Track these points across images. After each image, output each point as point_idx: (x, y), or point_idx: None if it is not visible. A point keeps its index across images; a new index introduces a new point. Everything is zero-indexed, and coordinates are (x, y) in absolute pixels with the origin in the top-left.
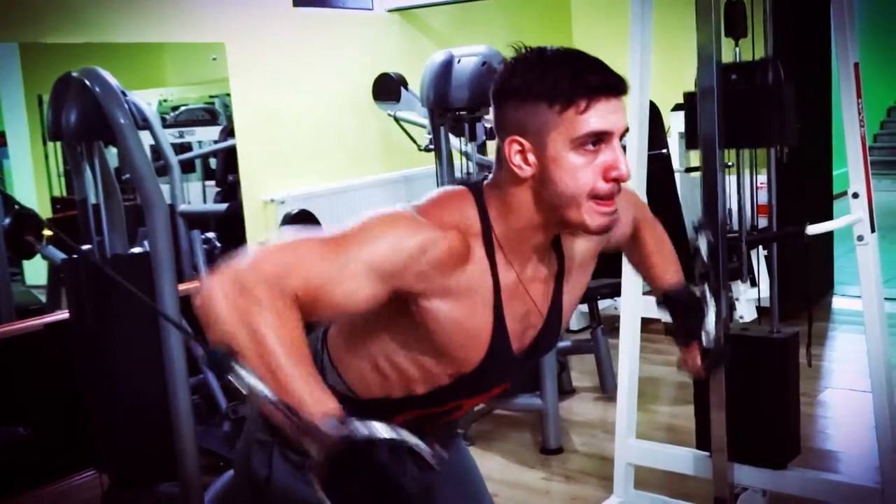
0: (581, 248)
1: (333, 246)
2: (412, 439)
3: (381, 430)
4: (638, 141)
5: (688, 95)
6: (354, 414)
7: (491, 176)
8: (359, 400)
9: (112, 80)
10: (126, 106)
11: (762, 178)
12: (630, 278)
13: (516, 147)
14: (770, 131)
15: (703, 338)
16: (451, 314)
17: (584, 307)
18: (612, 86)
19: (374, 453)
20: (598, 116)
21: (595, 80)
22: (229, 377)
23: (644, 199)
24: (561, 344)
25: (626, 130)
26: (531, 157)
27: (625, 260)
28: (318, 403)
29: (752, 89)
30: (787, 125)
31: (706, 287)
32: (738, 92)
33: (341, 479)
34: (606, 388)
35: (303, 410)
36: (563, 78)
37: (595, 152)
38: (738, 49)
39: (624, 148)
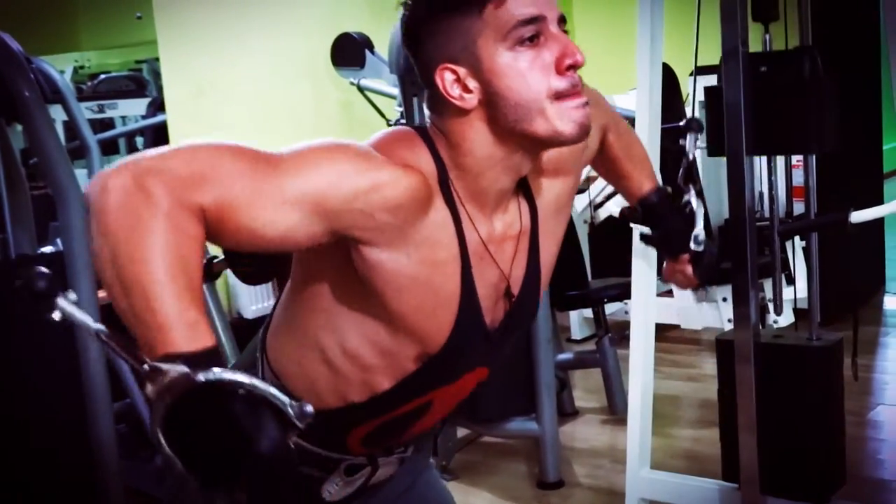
0: (556, 189)
1: (265, 163)
2: (271, 390)
3: (236, 375)
4: (649, 112)
5: (709, 91)
6: (308, 433)
7: (430, 125)
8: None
9: (13, 44)
10: (31, 75)
11: (798, 156)
12: (642, 278)
13: (449, 76)
14: (807, 135)
15: (693, 244)
16: (411, 271)
17: (589, 312)
18: None
19: (220, 403)
20: (520, 3)
21: None
22: (54, 313)
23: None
24: (561, 357)
25: (564, 19)
26: (470, 82)
27: (634, 258)
28: (189, 331)
29: (785, 84)
30: (826, 127)
31: (692, 190)
32: (769, 87)
33: (182, 438)
34: (615, 409)
35: (161, 338)
36: None
37: (536, 46)
38: (768, 36)
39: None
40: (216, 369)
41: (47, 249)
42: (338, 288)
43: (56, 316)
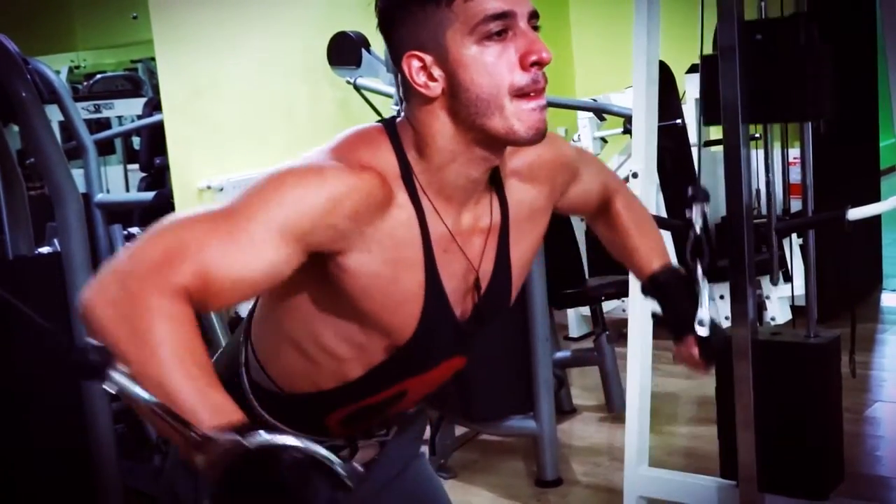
0: (530, 195)
1: (223, 217)
2: (322, 451)
3: (285, 439)
4: (646, 109)
5: (705, 59)
6: (284, 412)
7: (400, 117)
8: (285, 395)
9: (9, 44)
10: (27, 75)
11: (795, 153)
12: None
13: (416, 63)
14: (802, 102)
15: (698, 327)
16: (374, 269)
17: (586, 310)
18: None
19: (273, 467)
20: None
21: None
22: (105, 385)
23: (654, 177)
24: (558, 355)
25: (536, 15)
26: (436, 71)
27: None
28: (216, 413)
29: (780, 52)
30: (822, 95)
31: (698, 267)
32: (765, 55)
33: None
34: (613, 407)
35: (197, 421)
36: None
37: (503, 41)
38: (763, 3)
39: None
40: (264, 433)
41: (45, 250)
42: (308, 290)
43: (110, 388)
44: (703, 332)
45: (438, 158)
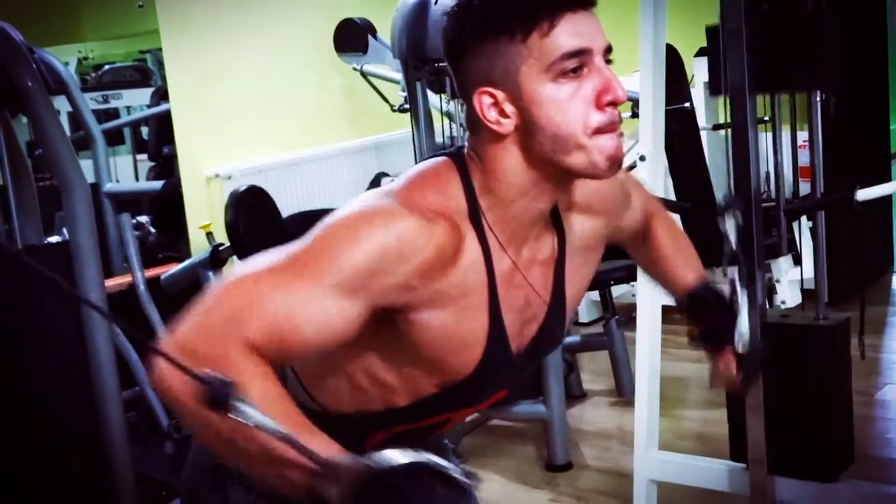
0: (585, 228)
1: (290, 271)
2: (441, 462)
3: (401, 456)
4: (653, 93)
5: (710, 30)
6: (328, 432)
7: (467, 146)
8: (330, 416)
9: (15, 35)
10: (34, 66)
11: (804, 135)
12: None
13: (487, 100)
14: (810, 71)
15: (737, 342)
16: (443, 321)
17: (596, 295)
18: None
19: (403, 484)
20: (567, 34)
21: None
22: (230, 414)
23: (662, 160)
24: (568, 340)
25: (610, 49)
26: (508, 107)
27: None
28: (328, 449)
29: (787, 20)
30: (830, 63)
31: (736, 279)
32: (772, 24)
33: None
34: (623, 391)
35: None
36: (514, 3)
37: (578, 78)
38: None
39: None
40: (384, 453)
41: (53, 239)
42: (371, 341)
43: (240, 419)
44: (742, 348)
45: (507, 194)
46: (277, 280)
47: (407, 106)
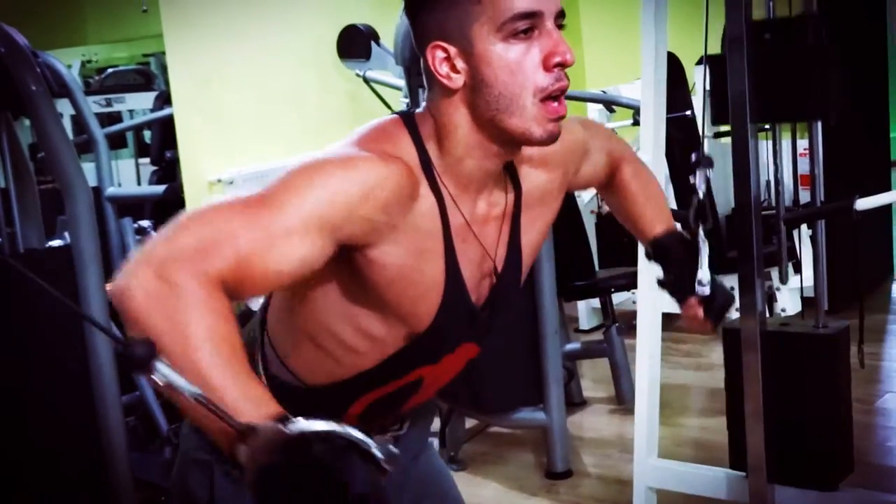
0: (542, 180)
1: (257, 206)
2: (358, 434)
3: (323, 425)
4: (654, 101)
5: (712, 59)
6: (303, 405)
7: (422, 108)
8: (306, 387)
9: (19, 38)
10: (38, 69)
11: (804, 144)
12: (648, 267)
13: (440, 54)
14: (810, 103)
15: (699, 287)
16: (401, 260)
17: (596, 302)
18: None
19: (315, 452)
20: None
21: None
22: (152, 376)
23: (663, 168)
24: (568, 347)
25: (563, 14)
26: (459, 63)
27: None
28: (256, 405)
29: (788, 51)
30: (830, 95)
31: (700, 229)
32: (773, 55)
33: (281, 491)
34: (623, 399)
35: (238, 413)
36: None
37: (528, 40)
38: (772, 3)
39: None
40: (303, 421)
41: (55, 243)
42: (327, 283)
43: (158, 379)
44: (704, 291)
45: (456, 150)
46: (247, 214)
47: None
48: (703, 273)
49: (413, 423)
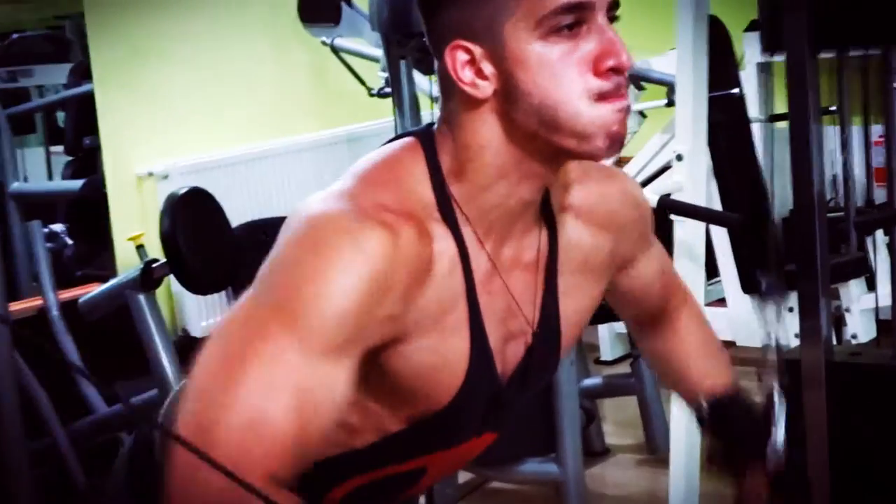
0: (587, 241)
1: (265, 355)
2: None
3: None
4: (693, 77)
5: None
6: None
7: (439, 114)
8: None
9: None
10: None
11: (879, 129)
12: (685, 282)
13: (462, 56)
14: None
15: (770, 458)
16: (420, 342)
17: (621, 326)
18: None
19: None
20: None
21: None
22: None
23: (704, 160)
24: (587, 382)
25: (615, 5)
26: (486, 67)
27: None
28: None
29: None
30: None
31: (775, 387)
32: None
33: None
34: (655, 447)
35: None
36: None
37: (574, 38)
38: None
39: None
40: None
41: None
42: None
43: None
44: (775, 466)
45: (482, 175)
46: (266, 373)
47: (388, 90)
48: (779, 440)
49: None
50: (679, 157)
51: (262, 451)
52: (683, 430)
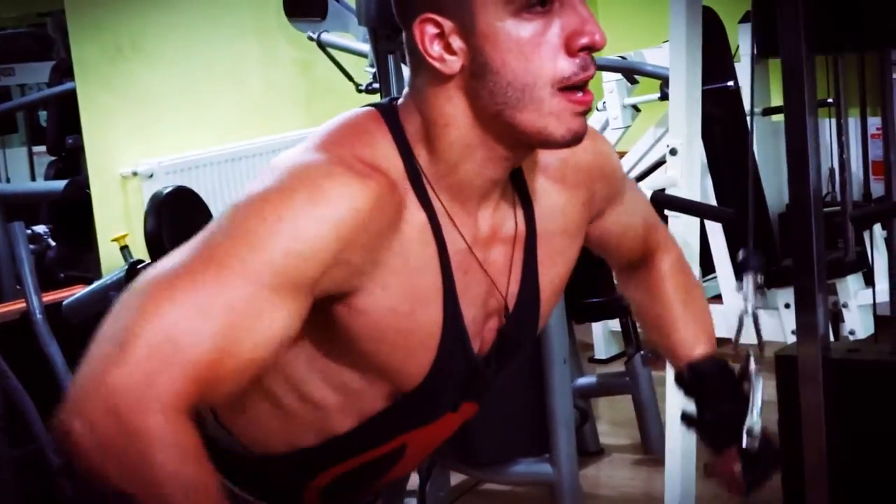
0: (561, 200)
1: (209, 276)
2: None
3: None
4: (687, 69)
5: None
6: (251, 480)
7: (405, 89)
8: (256, 459)
9: None
10: None
11: (876, 122)
12: None
13: (431, 30)
14: (885, 21)
15: (745, 440)
16: (389, 303)
17: (616, 325)
18: None
19: None
20: None
21: None
22: None
23: (698, 154)
24: (581, 381)
25: None
26: (455, 42)
27: None
28: None
29: None
30: None
31: (752, 360)
32: None
33: None
34: (650, 447)
35: None
36: None
37: (546, 15)
38: None
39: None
40: None
41: None
42: (296, 342)
43: None
44: (753, 445)
45: (449, 152)
46: (198, 292)
47: (376, 85)
48: (755, 421)
49: (386, 500)
50: (673, 152)
51: (173, 368)
52: (678, 430)
